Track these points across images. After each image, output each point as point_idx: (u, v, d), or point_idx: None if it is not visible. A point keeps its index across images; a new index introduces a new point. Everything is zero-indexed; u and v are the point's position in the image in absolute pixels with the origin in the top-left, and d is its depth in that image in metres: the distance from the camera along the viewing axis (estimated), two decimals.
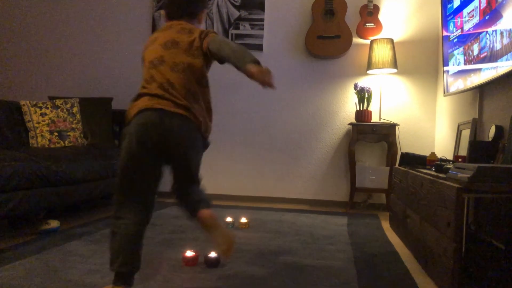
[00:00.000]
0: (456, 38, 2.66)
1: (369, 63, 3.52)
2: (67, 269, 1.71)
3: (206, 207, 1.54)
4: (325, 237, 2.44)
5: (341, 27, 3.62)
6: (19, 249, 1.99)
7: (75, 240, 2.19)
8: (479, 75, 2.29)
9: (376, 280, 1.69)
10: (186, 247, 1.99)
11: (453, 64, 2.73)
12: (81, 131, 3.29)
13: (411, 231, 2.17)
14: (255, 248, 2.13)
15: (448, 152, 3.10)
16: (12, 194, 2.08)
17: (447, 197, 1.57)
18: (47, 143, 3.10)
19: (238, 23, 3.87)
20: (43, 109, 3.16)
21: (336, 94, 3.77)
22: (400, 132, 3.61)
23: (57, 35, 4.17)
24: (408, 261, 2.01)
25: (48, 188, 2.34)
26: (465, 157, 2.33)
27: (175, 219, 2.83)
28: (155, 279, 1.63)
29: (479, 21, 2.28)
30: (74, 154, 2.70)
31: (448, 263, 1.51)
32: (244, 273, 1.73)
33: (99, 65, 4.11)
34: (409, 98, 3.66)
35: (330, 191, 3.77)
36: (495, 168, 1.50)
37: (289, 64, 3.83)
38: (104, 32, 4.10)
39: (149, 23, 4.01)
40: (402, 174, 2.50)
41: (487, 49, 2.18)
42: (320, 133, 3.80)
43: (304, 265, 1.86)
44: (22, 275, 1.62)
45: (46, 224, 2.35)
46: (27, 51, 4.22)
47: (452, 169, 1.71)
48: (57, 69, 4.17)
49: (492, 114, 2.40)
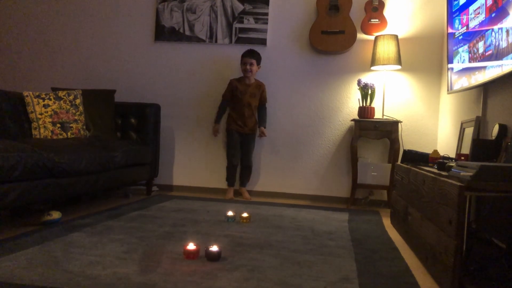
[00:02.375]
0: (461, 36, 2.64)
1: (373, 59, 3.51)
2: (69, 260, 1.72)
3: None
4: (325, 233, 2.44)
5: (346, 22, 3.61)
6: (20, 240, 2.00)
7: (77, 232, 2.19)
8: (483, 73, 2.28)
9: (376, 277, 1.69)
10: (187, 240, 2.00)
11: (457, 61, 2.72)
12: (83, 123, 3.29)
13: (412, 228, 2.17)
14: (255, 243, 2.13)
15: (451, 150, 3.09)
16: (14, 185, 2.09)
17: (449, 195, 1.56)
18: (49, 134, 3.10)
19: (242, 17, 3.86)
20: (46, 100, 3.16)
21: (339, 90, 3.76)
22: (403, 129, 3.60)
23: (60, 26, 4.17)
24: (408, 258, 2.02)
25: (50, 179, 2.35)
26: (467, 155, 2.32)
27: (176, 212, 2.83)
28: (156, 271, 1.64)
29: (485, 18, 2.27)
30: (76, 145, 2.71)
31: (448, 261, 1.51)
32: (245, 267, 1.73)
33: (102, 57, 4.10)
34: (413, 95, 3.65)
35: (332, 187, 3.78)
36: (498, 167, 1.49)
37: (292, 59, 3.82)
38: (108, 25, 4.09)
39: (153, 16, 4.00)
40: (404, 171, 2.50)
41: (493, 47, 2.16)
42: (323, 128, 3.79)
43: (305, 260, 1.86)
44: (23, 266, 1.63)
45: (48, 215, 2.35)
46: (31, 43, 4.22)
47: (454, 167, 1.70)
48: (60, 60, 4.17)
49: (496, 112, 2.39)
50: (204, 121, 3.94)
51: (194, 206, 3.12)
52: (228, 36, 3.89)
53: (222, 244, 2.05)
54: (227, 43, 3.89)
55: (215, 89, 3.90)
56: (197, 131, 3.95)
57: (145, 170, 3.51)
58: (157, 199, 3.38)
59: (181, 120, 3.98)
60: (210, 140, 3.91)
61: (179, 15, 3.95)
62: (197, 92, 3.96)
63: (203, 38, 3.92)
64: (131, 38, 4.06)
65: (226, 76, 3.84)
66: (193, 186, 3.94)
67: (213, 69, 3.94)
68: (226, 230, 2.40)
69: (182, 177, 3.97)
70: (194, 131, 3.95)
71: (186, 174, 3.96)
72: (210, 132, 3.90)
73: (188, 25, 3.94)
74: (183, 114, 3.97)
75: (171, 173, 3.98)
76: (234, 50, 3.85)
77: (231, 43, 3.88)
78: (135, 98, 3.96)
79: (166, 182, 3.99)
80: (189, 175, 3.95)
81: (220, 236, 2.24)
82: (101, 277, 1.54)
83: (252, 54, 3.60)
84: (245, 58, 3.60)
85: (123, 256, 1.81)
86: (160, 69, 4.02)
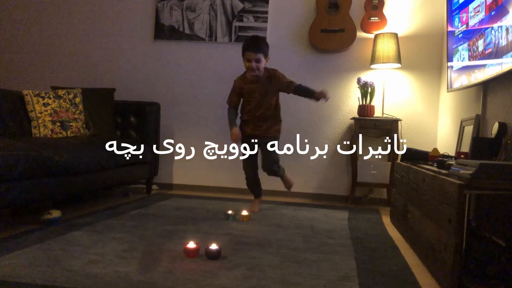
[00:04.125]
0: (461, 34, 2.64)
1: (372, 58, 3.50)
2: (69, 259, 1.72)
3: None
4: (325, 231, 2.45)
5: (346, 21, 3.60)
6: (21, 239, 2.00)
7: (77, 230, 2.20)
8: (483, 71, 2.28)
9: (376, 275, 1.70)
10: (187, 239, 2.00)
11: (457, 59, 2.72)
12: (83, 122, 3.29)
13: (411, 226, 2.17)
14: (255, 241, 2.13)
15: (450, 148, 3.10)
16: (14, 184, 2.09)
17: (448, 193, 1.57)
18: (49, 133, 3.10)
19: (241, 15, 3.85)
20: (46, 99, 3.16)
21: (339, 88, 3.76)
22: (402, 127, 3.60)
23: (60, 25, 4.16)
24: (408, 256, 2.02)
25: (50, 178, 2.35)
26: (467, 154, 2.33)
27: (176, 211, 2.84)
28: (156, 270, 1.64)
29: (485, 16, 2.27)
30: (76, 144, 2.71)
31: (448, 259, 1.51)
32: (245, 265, 1.74)
33: (102, 56, 4.10)
34: (412, 93, 3.65)
35: (332, 185, 3.78)
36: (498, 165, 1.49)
37: (292, 57, 3.82)
38: (107, 23, 4.09)
39: (153, 14, 4.00)
40: (403, 169, 2.50)
41: (492, 45, 2.16)
42: (322, 127, 3.79)
43: (304, 259, 1.87)
44: (24, 264, 1.63)
45: (48, 214, 2.35)
46: (30, 41, 4.21)
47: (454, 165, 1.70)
48: (60, 59, 4.16)
49: (495, 110, 2.39)
50: (204, 120, 3.94)
51: (194, 204, 3.12)
52: (227, 34, 3.88)
53: (222, 242, 2.04)
54: (226, 42, 3.89)
55: (215, 88, 3.90)
56: (196, 129, 3.95)
57: (145, 168, 3.51)
58: (157, 198, 3.38)
59: (180, 118, 3.97)
60: (210, 138, 3.90)
61: (179, 14, 3.95)
62: (197, 90, 3.96)
63: (203, 37, 3.92)
64: (131, 36, 4.05)
65: (226, 74, 3.83)
66: (193, 185, 3.94)
67: (213, 68, 3.93)
68: (226, 228, 2.40)
69: (182, 176, 3.97)
70: (194, 129, 3.95)
71: (186, 172, 3.96)
72: (210, 131, 3.89)
73: (188, 23, 3.94)
74: (183, 113, 3.97)
75: (171, 171, 3.98)
76: (234, 49, 3.84)
77: (231, 41, 3.88)
78: (135, 97, 3.95)
79: (166, 180, 3.99)
80: (189, 173, 3.96)
81: (220, 235, 2.24)
82: (101, 275, 1.55)
83: (257, 47, 2.73)
84: (248, 53, 2.74)
85: (123, 254, 1.81)
86: (159, 68, 4.01)
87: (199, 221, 2.57)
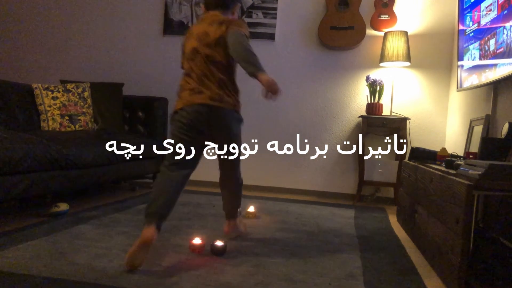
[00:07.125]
0: (473, 33, 2.61)
1: (382, 56, 3.48)
2: (75, 252, 1.73)
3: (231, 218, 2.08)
4: (331, 229, 2.44)
5: (355, 18, 3.58)
6: (28, 231, 2.02)
7: (84, 224, 2.21)
8: (494, 71, 2.25)
9: (381, 274, 1.69)
10: (192, 234, 2.00)
11: (468, 59, 2.69)
12: (91, 116, 3.31)
13: (418, 226, 2.16)
14: (261, 238, 2.13)
15: (459, 148, 3.07)
16: (23, 177, 2.11)
17: (456, 193, 1.55)
18: (58, 126, 3.12)
19: (251, 11, 3.84)
20: (55, 92, 3.18)
21: (348, 86, 3.74)
22: (411, 126, 3.58)
23: (69, 19, 4.18)
24: (414, 255, 2.01)
25: (58, 171, 2.37)
26: (476, 154, 2.30)
27: (182, 206, 2.84)
28: (161, 265, 1.64)
29: (497, 15, 2.24)
30: (84, 138, 2.72)
31: (455, 259, 1.50)
32: (250, 262, 1.74)
33: (110, 50, 4.11)
34: (422, 92, 3.62)
35: (338, 183, 3.76)
36: (507, 166, 1.48)
37: (301, 54, 3.80)
38: (117, 18, 4.10)
39: (162, 8, 4.00)
40: (411, 168, 2.48)
41: (504, 45, 2.13)
42: (330, 124, 3.77)
43: (310, 257, 1.86)
44: (30, 256, 1.64)
45: (55, 207, 2.37)
46: (40, 35, 4.23)
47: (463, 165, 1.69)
48: (69, 53, 4.19)
49: (506, 111, 2.36)
50: None
51: (200, 200, 3.13)
52: None
53: (227, 238, 2.05)
54: None
55: None
56: None
57: (152, 163, 3.52)
58: None
59: None
60: None
61: (188, 9, 3.94)
62: None
63: None
64: (140, 31, 4.06)
65: None
66: (199, 180, 3.95)
67: None
68: None
69: None
70: None
71: None
72: None
73: (197, 19, 3.93)
74: None
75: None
76: None
77: None
78: (143, 92, 3.96)
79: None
80: (195, 168, 3.95)
81: None
82: (107, 269, 1.56)
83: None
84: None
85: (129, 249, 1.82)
86: (168, 63, 4.02)
87: (204, 216, 2.57)
